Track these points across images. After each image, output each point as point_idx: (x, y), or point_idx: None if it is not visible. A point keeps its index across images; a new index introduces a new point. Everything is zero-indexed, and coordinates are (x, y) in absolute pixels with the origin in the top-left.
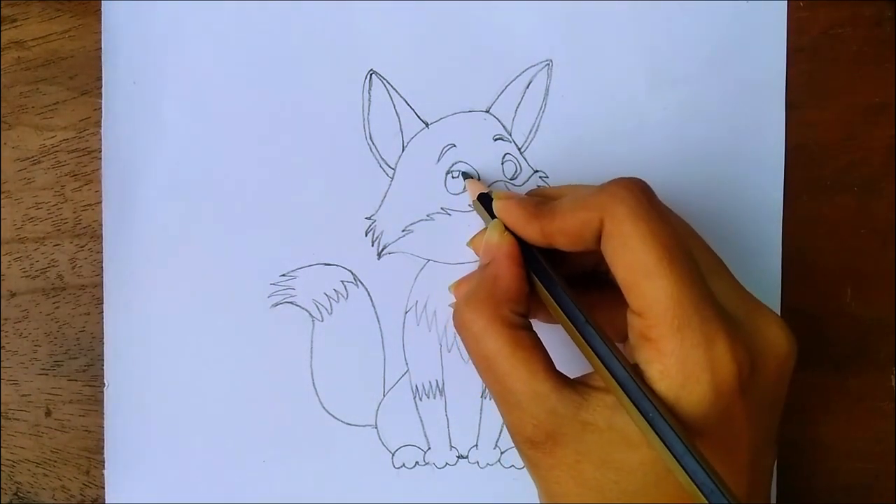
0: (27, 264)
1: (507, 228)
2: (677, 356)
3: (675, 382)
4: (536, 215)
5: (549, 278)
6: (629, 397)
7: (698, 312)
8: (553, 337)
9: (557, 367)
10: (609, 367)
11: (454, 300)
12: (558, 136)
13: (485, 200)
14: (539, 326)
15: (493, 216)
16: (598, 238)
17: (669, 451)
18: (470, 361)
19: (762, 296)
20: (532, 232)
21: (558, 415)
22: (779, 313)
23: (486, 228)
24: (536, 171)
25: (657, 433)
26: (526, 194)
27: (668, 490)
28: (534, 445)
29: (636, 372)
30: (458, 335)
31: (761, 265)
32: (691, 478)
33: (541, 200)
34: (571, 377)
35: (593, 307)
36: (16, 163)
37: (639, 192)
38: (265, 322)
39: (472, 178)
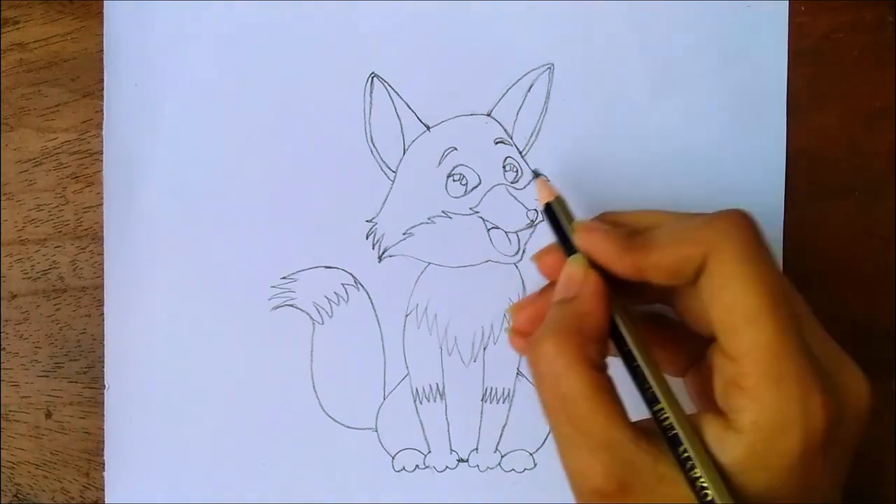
0: (28, 266)
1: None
2: (773, 409)
3: (767, 434)
4: (629, 249)
5: (621, 319)
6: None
7: (796, 364)
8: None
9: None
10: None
11: (511, 325)
12: (559, 140)
13: (559, 205)
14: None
15: (557, 226)
16: (697, 274)
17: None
18: (471, 364)
19: None
20: (623, 267)
21: (634, 465)
22: None
23: (554, 244)
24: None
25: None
26: (598, 219)
27: None
28: (601, 496)
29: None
30: (530, 369)
31: None
32: None
33: (630, 231)
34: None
35: (652, 341)
36: (17, 164)
37: (747, 229)
38: (265, 324)
39: (542, 176)
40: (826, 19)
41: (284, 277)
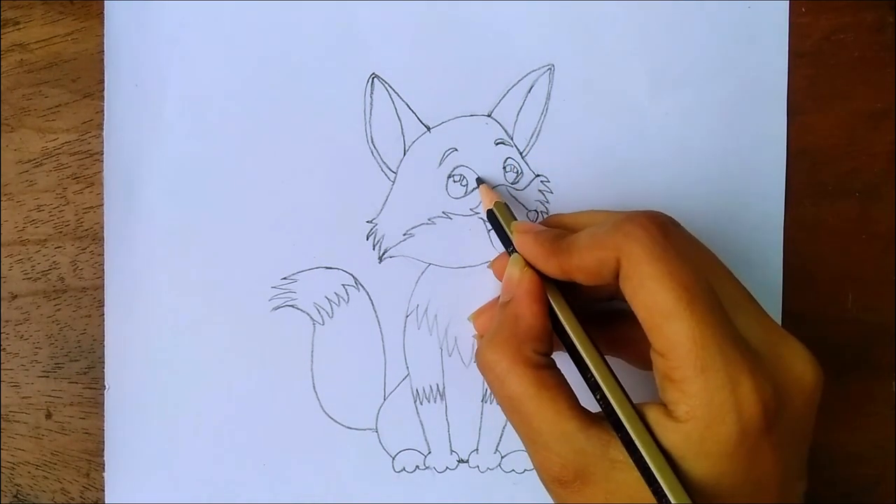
0: (28, 266)
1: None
2: (702, 398)
3: (702, 423)
4: (554, 252)
5: (561, 313)
6: (640, 462)
7: (721, 352)
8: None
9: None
10: (617, 416)
11: (475, 332)
12: (560, 141)
13: (500, 210)
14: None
15: (500, 228)
16: (617, 275)
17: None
18: (471, 365)
19: (763, 301)
20: (551, 268)
21: (586, 454)
22: (780, 319)
23: (506, 252)
24: (538, 176)
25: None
26: (543, 223)
27: None
28: (562, 485)
29: (651, 436)
30: (482, 376)
31: (762, 270)
32: None
33: (559, 233)
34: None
35: (616, 335)
36: (18, 165)
37: (655, 229)
38: (266, 325)
39: (485, 183)
40: (827, 20)
41: (285, 278)
